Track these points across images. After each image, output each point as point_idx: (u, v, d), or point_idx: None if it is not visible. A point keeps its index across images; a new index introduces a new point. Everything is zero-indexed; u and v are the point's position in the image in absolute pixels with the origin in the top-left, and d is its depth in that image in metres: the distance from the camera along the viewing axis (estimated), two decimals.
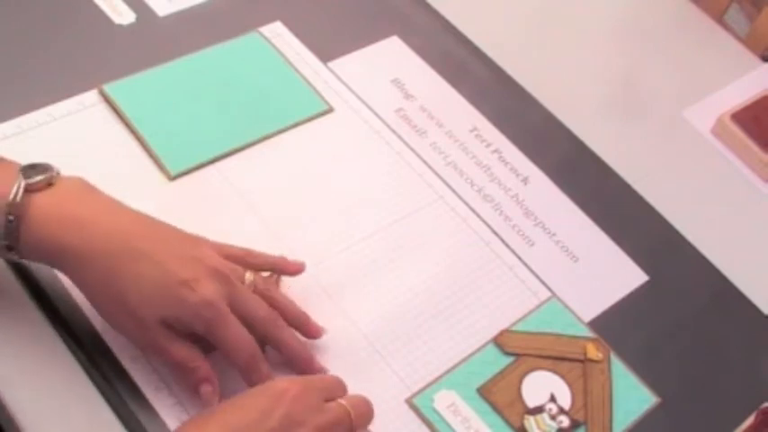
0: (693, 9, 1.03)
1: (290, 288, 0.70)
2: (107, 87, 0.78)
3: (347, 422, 0.61)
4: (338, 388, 0.64)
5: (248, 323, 0.63)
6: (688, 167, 0.89)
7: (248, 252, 0.68)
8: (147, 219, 0.64)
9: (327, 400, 0.62)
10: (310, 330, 0.67)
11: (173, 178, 0.75)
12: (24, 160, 0.63)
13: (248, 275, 0.66)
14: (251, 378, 0.63)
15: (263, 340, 0.65)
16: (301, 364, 0.66)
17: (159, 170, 0.75)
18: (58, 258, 0.61)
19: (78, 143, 0.75)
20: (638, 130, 0.91)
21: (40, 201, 0.61)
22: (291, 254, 0.72)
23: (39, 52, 0.80)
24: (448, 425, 0.66)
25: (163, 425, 0.62)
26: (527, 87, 0.90)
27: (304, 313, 0.67)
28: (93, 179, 0.65)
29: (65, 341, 0.65)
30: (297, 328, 0.67)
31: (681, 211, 0.83)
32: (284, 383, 0.60)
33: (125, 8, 0.85)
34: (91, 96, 0.78)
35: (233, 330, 0.62)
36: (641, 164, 0.87)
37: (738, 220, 0.86)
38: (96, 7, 0.85)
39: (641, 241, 0.81)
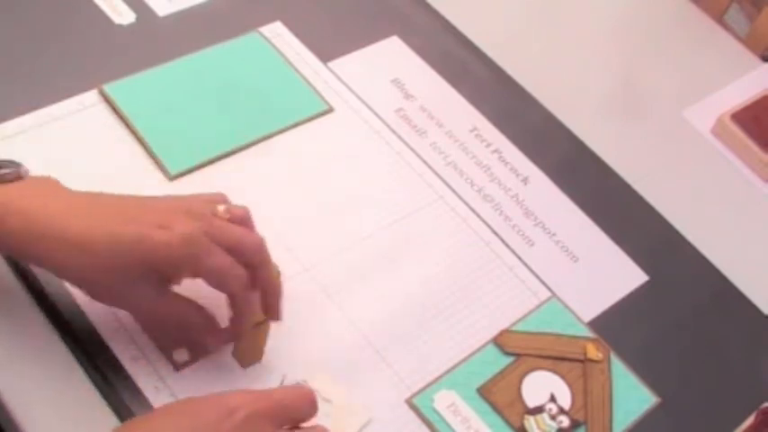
0: (693, 9, 1.03)
1: (288, 286, 0.70)
2: (107, 87, 0.78)
3: None
4: (300, 411, 0.57)
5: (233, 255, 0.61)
6: (688, 167, 0.89)
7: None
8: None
9: (281, 426, 0.56)
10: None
11: (173, 178, 0.75)
12: (25, 160, 0.63)
13: (221, 206, 0.63)
14: (242, 308, 0.61)
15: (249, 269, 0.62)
16: (275, 298, 0.64)
17: (159, 170, 0.75)
18: (31, 247, 0.59)
19: (78, 143, 0.75)
20: (638, 130, 0.91)
21: (11, 191, 0.60)
22: (291, 254, 0.72)
23: (39, 52, 0.80)
24: (448, 425, 0.66)
25: None
26: (527, 87, 0.90)
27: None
28: (94, 179, 0.65)
29: (65, 341, 0.65)
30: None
31: (681, 211, 0.83)
32: (238, 399, 0.55)
33: (125, 8, 0.85)
34: (91, 96, 0.78)
35: (220, 259, 0.60)
36: (641, 164, 0.87)
37: (738, 220, 0.86)
38: (96, 7, 0.85)
39: (641, 241, 0.81)
